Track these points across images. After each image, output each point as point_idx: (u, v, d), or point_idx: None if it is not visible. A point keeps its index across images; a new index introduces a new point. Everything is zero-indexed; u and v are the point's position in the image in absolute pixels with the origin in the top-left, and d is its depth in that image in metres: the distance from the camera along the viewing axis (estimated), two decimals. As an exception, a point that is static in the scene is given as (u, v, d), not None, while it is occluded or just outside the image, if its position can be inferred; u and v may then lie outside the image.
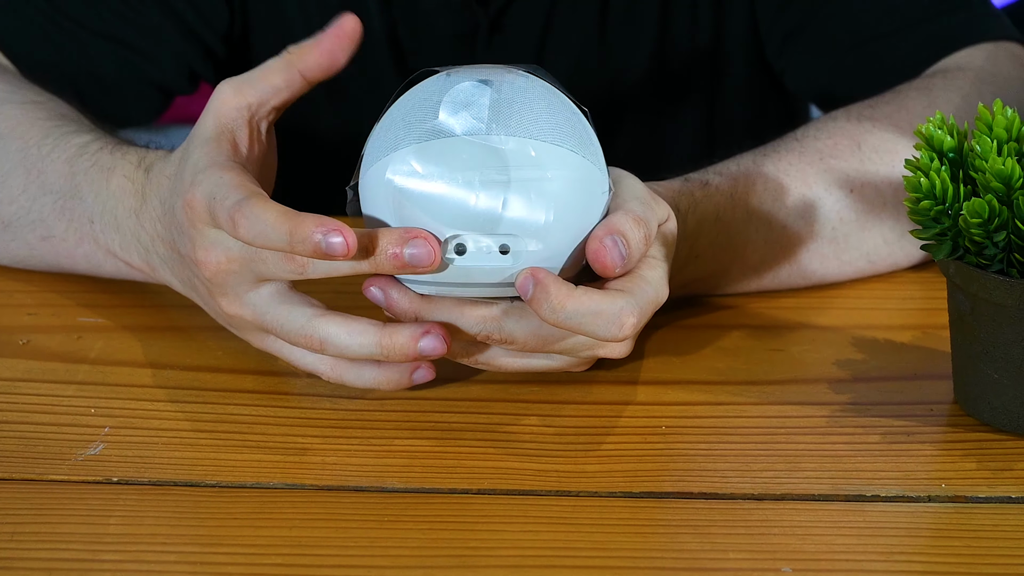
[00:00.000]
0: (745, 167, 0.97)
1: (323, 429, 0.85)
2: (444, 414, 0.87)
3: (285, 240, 0.78)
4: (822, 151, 0.98)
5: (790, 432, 0.85)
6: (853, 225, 0.97)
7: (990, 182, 0.80)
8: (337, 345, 0.82)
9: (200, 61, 1.20)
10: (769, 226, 0.96)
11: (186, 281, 0.89)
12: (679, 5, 1.22)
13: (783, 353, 0.93)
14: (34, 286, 0.99)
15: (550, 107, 0.82)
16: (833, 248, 0.98)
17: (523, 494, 0.80)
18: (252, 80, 0.87)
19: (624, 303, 0.80)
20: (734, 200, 0.95)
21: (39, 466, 0.82)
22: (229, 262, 0.83)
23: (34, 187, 0.96)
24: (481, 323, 0.82)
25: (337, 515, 0.79)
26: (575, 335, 0.83)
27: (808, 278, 0.99)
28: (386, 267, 0.79)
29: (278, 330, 0.84)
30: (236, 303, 0.84)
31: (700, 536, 0.77)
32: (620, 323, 0.80)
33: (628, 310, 0.80)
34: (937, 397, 0.88)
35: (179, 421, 0.86)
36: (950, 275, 0.83)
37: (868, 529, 0.78)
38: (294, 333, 0.83)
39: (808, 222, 0.97)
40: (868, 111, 1.02)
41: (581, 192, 0.81)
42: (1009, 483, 0.81)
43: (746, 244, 0.96)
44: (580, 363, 0.87)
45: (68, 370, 0.91)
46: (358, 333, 0.82)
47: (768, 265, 0.97)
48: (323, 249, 0.77)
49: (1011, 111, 0.82)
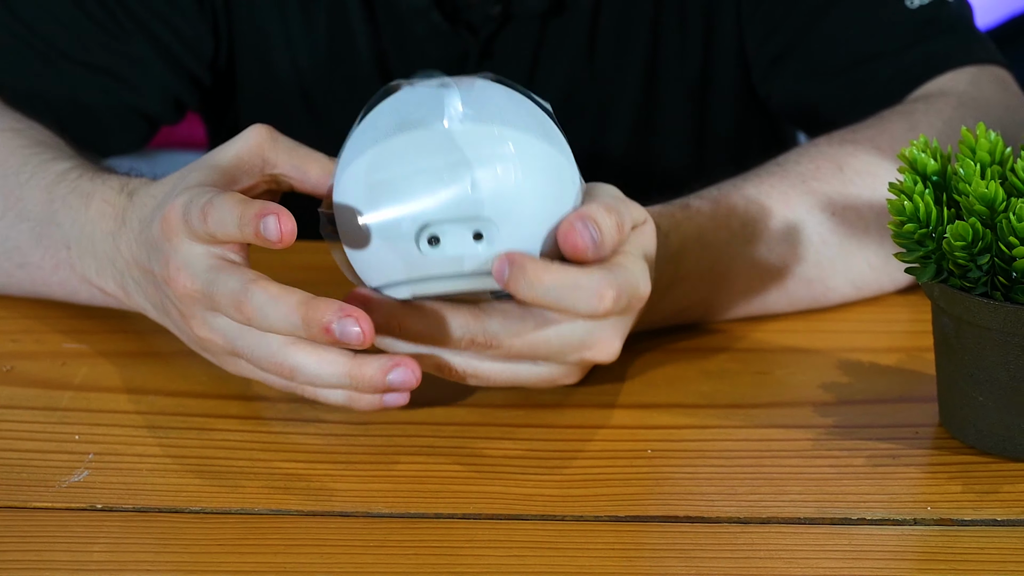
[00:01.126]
0: (726, 191, 0.97)
1: (308, 454, 0.85)
2: (429, 438, 0.86)
3: (236, 224, 0.79)
4: (804, 174, 0.98)
5: (776, 455, 0.85)
6: (836, 249, 0.97)
7: (973, 205, 0.80)
8: (307, 374, 0.82)
9: (186, 90, 1.20)
10: (753, 248, 0.96)
11: (159, 305, 0.88)
12: (668, 30, 1.23)
13: (768, 376, 0.93)
14: (17, 312, 0.99)
15: (512, 100, 0.83)
16: (818, 272, 0.98)
17: (508, 518, 0.80)
18: (294, 146, 0.87)
19: (602, 276, 0.80)
20: (716, 221, 0.95)
21: (23, 493, 0.82)
22: (193, 288, 0.82)
23: (11, 214, 0.96)
24: (464, 326, 0.82)
25: (322, 540, 0.78)
26: (561, 336, 0.82)
27: (795, 304, 0.98)
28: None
29: (248, 356, 0.83)
30: (205, 327, 0.84)
31: (686, 560, 0.77)
32: (599, 295, 0.80)
33: (606, 283, 0.80)
34: (922, 420, 0.88)
35: (163, 447, 0.86)
36: (934, 298, 0.84)
37: (854, 552, 0.78)
38: (264, 360, 0.83)
39: (791, 245, 0.97)
40: (850, 135, 1.02)
41: (551, 177, 0.81)
42: (995, 506, 0.81)
43: (730, 267, 0.96)
44: (568, 371, 0.86)
45: (52, 397, 0.91)
46: (328, 363, 0.82)
47: (754, 290, 0.97)
48: (263, 234, 0.78)
49: (994, 134, 0.83)
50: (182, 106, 1.21)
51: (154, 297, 0.88)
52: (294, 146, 0.88)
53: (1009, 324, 0.81)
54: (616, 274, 0.81)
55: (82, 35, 1.14)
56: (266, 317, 0.79)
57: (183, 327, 0.86)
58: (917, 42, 1.12)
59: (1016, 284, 0.80)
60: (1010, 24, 1.86)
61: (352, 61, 1.22)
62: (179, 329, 0.88)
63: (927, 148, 0.83)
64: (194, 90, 1.21)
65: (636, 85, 1.24)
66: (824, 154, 1.00)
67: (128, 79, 1.16)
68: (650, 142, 1.28)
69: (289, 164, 0.87)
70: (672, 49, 1.23)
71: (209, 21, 1.20)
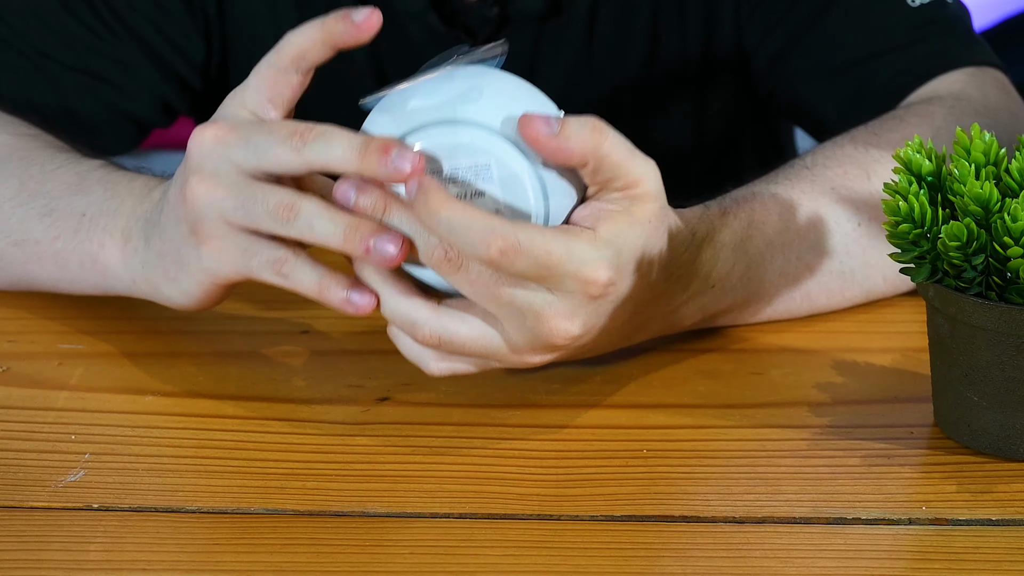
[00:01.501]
0: (760, 196, 0.95)
1: (304, 454, 0.85)
2: (425, 438, 0.87)
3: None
4: (833, 180, 0.97)
5: (771, 455, 0.85)
6: (859, 260, 0.97)
7: (968, 206, 0.80)
8: (309, 216, 0.81)
9: (176, 94, 1.20)
10: (785, 256, 0.95)
11: (159, 250, 0.88)
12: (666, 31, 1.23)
13: (764, 377, 0.93)
14: (13, 313, 0.99)
15: (515, 98, 0.83)
16: (840, 282, 0.97)
17: (505, 518, 0.80)
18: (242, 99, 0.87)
19: (499, 224, 0.78)
20: (752, 229, 0.93)
21: (19, 493, 0.82)
22: (217, 187, 0.82)
23: (25, 194, 0.96)
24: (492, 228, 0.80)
25: (319, 540, 0.79)
26: (527, 296, 0.80)
27: (814, 310, 0.98)
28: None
29: (252, 205, 0.82)
30: (211, 181, 0.83)
31: (681, 559, 0.77)
32: (486, 242, 0.78)
33: (501, 231, 0.78)
34: (917, 420, 0.88)
35: (160, 447, 0.86)
36: (929, 298, 0.84)
37: (849, 552, 0.78)
38: (272, 203, 0.82)
39: (819, 254, 0.96)
40: (873, 138, 1.00)
41: (531, 102, 0.82)
42: (989, 505, 0.81)
43: (764, 274, 0.95)
44: (526, 342, 0.82)
45: (48, 397, 0.91)
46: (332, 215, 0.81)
47: (781, 297, 0.96)
48: (394, 165, 0.79)
49: (988, 135, 0.83)
50: (172, 110, 1.21)
51: (157, 243, 0.88)
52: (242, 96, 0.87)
53: (1004, 324, 0.81)
54: (529, 235, 0.79)
55: (71, 39, 1.14)
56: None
57: (192, 258, 0.85)
58: (918, 41, 1.12)
59: (1011, 284, 0.80)
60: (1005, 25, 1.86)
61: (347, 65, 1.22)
62: (177, 253, 0.86)
63: (922, 149, 0.84)
64: (184, 95, 1.21)
65: (634, 85, 1.24)
66: (851, 158, 0.98)
67: (117, 83, 1.16)
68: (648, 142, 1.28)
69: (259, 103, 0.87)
70: (670, 50, 1.23)
71: (200, 27, 1.20)
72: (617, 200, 0.83)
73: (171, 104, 1.20)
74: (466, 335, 0.83)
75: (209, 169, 0.83)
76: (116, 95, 1.16)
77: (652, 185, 0.84)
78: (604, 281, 0.81)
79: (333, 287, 0.83)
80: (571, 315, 0.82)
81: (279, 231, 0.82)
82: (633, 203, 0.83)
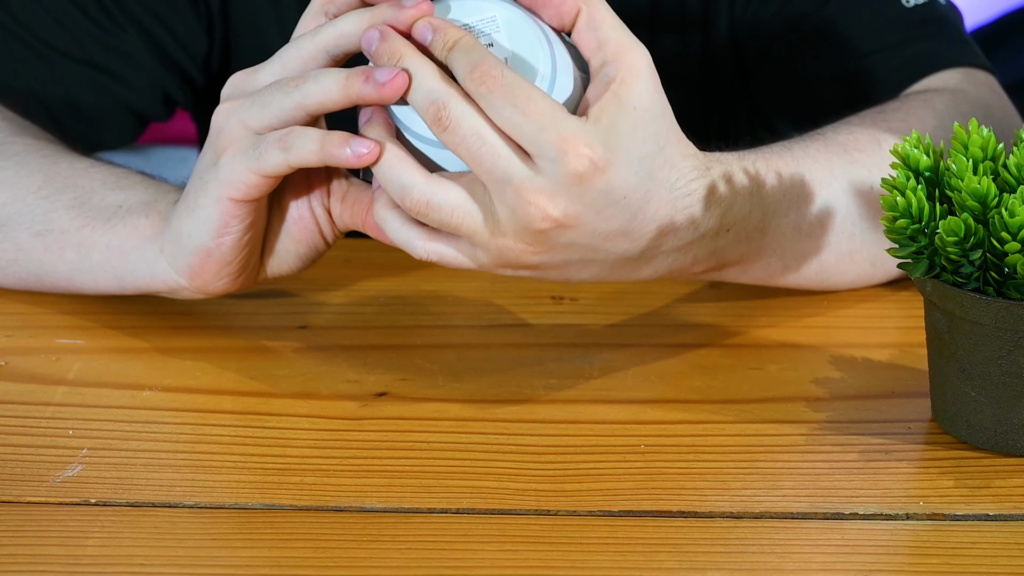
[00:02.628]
0: (775, 152, 0.95)
1: (302, 449, 0.85)
2: (423, 434, 0.87)
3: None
4: (845, 144, 0.98)
5: (768, 450, 0.86)
6: (867, 225, 0.97)
7: (966, 201, 0.80)
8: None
9: (177, 88, 1.20)
10: (799, 211, 0.94)
11: (184, 194, 0.90)
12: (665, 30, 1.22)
13: (761, 372, 0.93)
14: (11, 308, 0.99)
15: None
16: (849, 245, 0.97)
17: (502, 513, 0.80)
18: None
19: (492, 57, 0.81)
20: (768, 179, 0.92)
21: (16, 488, 0.82)
22: (235, 95, 0.87)
23: (50, 188, 0.96)
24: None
25: (316, 535, 0.79)
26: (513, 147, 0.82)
27: (823, 276, 0.97)
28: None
29: (265, 96, 0.86)
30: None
31: (679, 554, 0.77)
32: (472, 63, 0.81)
33: (491, 60, 0.81)
34: (915, 415, 0.88)
35: (157, 442, 0.86)
36: (927, 293, 0.84)
37: (846, 547, 0.78)
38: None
39: (831, 214, 0.95)
40: (880, 117, 1.01)
41: (527, 32, 0.84)
42: (987, 501, 0.81)
43: (779, 226, 0.94)
44: (505, 222, 0.83)
45: (46, 392, 0.91)
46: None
47: (792, 254, 0.95)
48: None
49: (987, 130, 0.83)
50: (172, 103, 1.21)
51: (200, 169, 0.90)
52: None
53: (1001, 319, 0.81)
54: (515, 77, 0.81)
55: (74, 30, 1.14)
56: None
57: (212, 177, 0.88)
58: (912, 40, 1.13)
59: (1008, 279, 0.80)
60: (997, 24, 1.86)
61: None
62: (202, 177, 0.89)
63: (919, 144, 0.84)
64: (185, 88, 1.21)
65: None
66: (862, 128, 0.99)
67: (121, 75, 1.16)
68: None
69: None
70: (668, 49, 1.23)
71: (203, 22, 1.20)
72: (605, 82, 0.83)
73: (172, 97, 1.20)
74: (452, 202, 0.83)
75: (233, 98, 0.87)
76: (119, 88, 1.16)
77: (637, 64, 0.84)
78: (587, 155, 0.81)
79: (335, 142, 0.85)
80: (552, 193, 0.81)
81: (288, 103, 0.85)
82: (621, 85, 0.83)
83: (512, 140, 0.81)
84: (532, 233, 0.82)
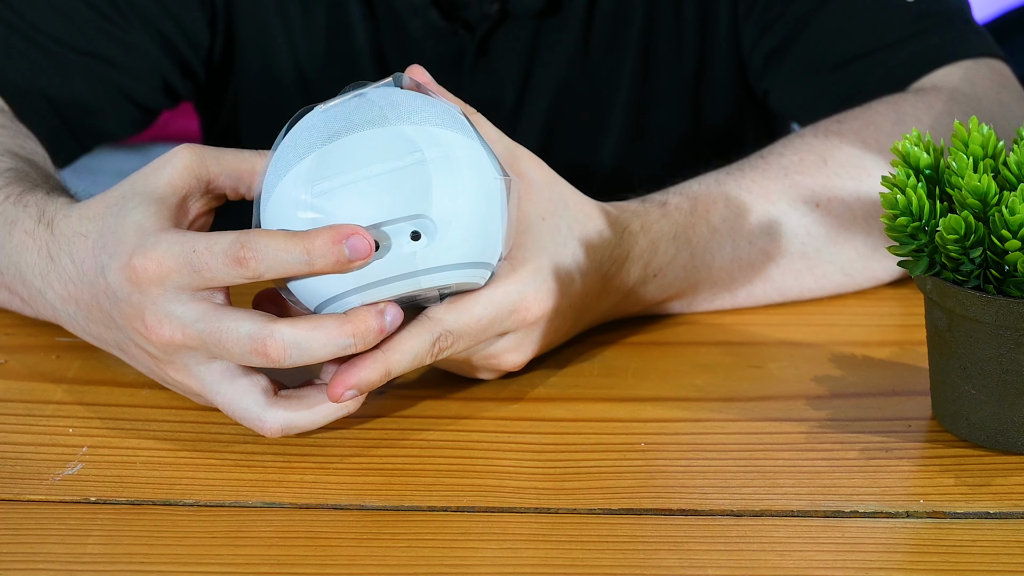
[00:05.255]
0: (707, 186, 0.98)
1: (301, 447, 0.85)
2: (422, 431, 0.87)
3: (304, 259, 0.78)
4: (787, 167, 0.99)
5: (768, 448, 0.86)
6: (823, 239, 0.98)
7: (966, 199, 0.80)
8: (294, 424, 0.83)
9: (177, 75, 1.20)
10: (734, 242, 0.97)
11: (111, 342, 0.87)
12: (663, 28, 1.23)
13: (761, 370, 0.93)
14: (12, 306, 0.99)
15: (429, 103, 0.82)
16: (805, 263, 0.98)
17: (502, 511, 0.80)
18: (218, 155, 0.85)
19: (434, 325, 0.82)
20: (694, 218, 0.96)
21: (16, 486, 0.82)
22: (185, 338, 0.81)
23: None
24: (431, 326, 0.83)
25: (316, 533, 0.79)
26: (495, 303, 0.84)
27: (785, 294, 0.99)
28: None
29: (226, 409, 0.83)
30: (183, 373, 0.83)
31: (679, 552, 0.77)
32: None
33: (439, 328, 0.82)
34: (915, 413, 0.88)
35: (157, 440, 0.86)
36: (927, 291, 0.84)
37: (846, 545, 0.78)
38: (242, 415, 0.83)
39: (774, 238, 0.97)
40: (835, 126, 1.02)
41: (477, 173, 0.81)
42: (987, 499, 0.81)
43: (712, 261, 0.97)
44: (479, 372, 0.90)
45: (46, 390, 0.91)
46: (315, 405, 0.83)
47: (739, 282, 0.98)
48: (347, 256, 0.78)
49: (987, 128, 0.83)
50: (175, 94, 1.22)
51: (105, 334, 0.86)
52: (219, 153, 0.85)
53: (1002, 317, 0.81)
54: (457, 318, 0.82)
55: (77, 20, 1.14)
56: (309, 350, 0.79)
57: (151, 367, 0.85)
58: (914, 36, 1.12)
59: (1009, 277, 0.80)
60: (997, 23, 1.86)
61: (351, 58, 1.22)
62: (141, 365, 0.86)
63: (920, 142, 0.84)
64: (187, 81, 1.22)
65: (631, 83, 1.24)
66: (809, 146, 1.01)
67: (126, 67, 1.16)
68: (644, 138, 1.28)
69: (223, 174, 0.85)
70: (667, 47, 1.23)
71: (207, 15, 1.20)
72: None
73: (174, 87, 1.21)
74: None
75: (180, 364, 0.83)
76: (120, 76, 1.16)
77: (526, 172, 0.89)
78: (538, 313, 0.87)
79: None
80: (517, 348, 0.88)
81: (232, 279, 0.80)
82: (522, 202, 0.88)
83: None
84: (503, 371, 0.90)
